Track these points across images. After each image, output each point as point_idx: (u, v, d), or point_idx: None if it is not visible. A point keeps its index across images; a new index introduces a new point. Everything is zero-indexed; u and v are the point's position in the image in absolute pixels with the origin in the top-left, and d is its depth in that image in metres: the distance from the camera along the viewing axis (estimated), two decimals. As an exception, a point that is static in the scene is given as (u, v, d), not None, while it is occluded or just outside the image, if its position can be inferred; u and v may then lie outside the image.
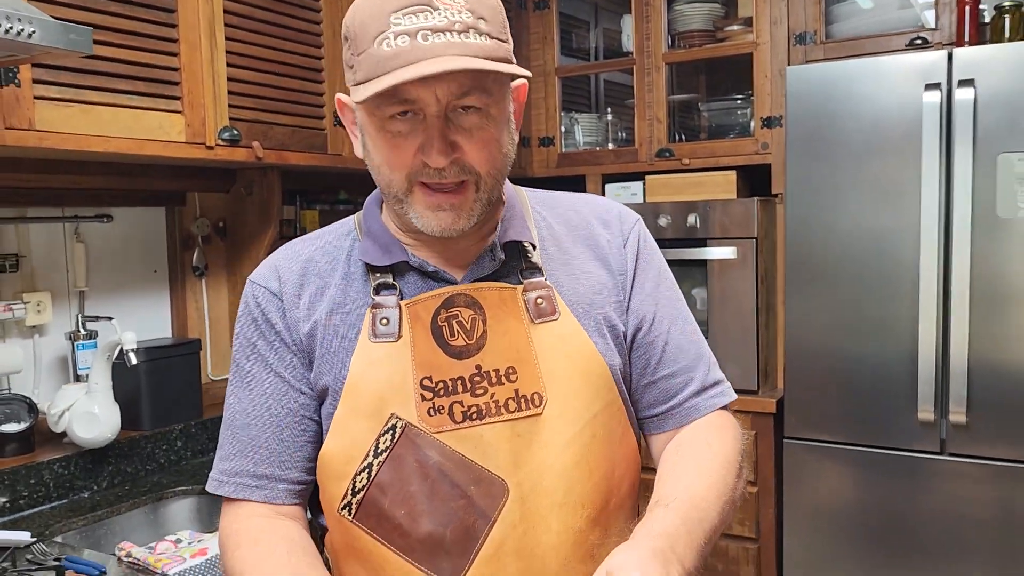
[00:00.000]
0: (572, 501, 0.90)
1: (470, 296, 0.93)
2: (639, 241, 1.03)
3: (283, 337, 0.95)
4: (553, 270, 0.97)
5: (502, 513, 0.87)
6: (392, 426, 0.89)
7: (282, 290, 0.96)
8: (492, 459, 0.88)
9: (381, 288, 0.94)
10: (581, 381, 0.93)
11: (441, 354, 0.91)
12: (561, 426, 0.90)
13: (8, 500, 1.79)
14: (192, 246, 2.37)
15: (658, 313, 1.00)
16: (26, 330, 1.99)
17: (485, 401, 0.89)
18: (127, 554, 1.50)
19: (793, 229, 2.49)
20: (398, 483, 0.88)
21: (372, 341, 0.92)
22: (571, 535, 0.90)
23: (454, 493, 0.88)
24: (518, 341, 0.92)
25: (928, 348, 2.30)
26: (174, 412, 2.18)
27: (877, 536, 2.45)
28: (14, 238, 1.96)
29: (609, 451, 0.94)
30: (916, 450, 2.36)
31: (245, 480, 0.95)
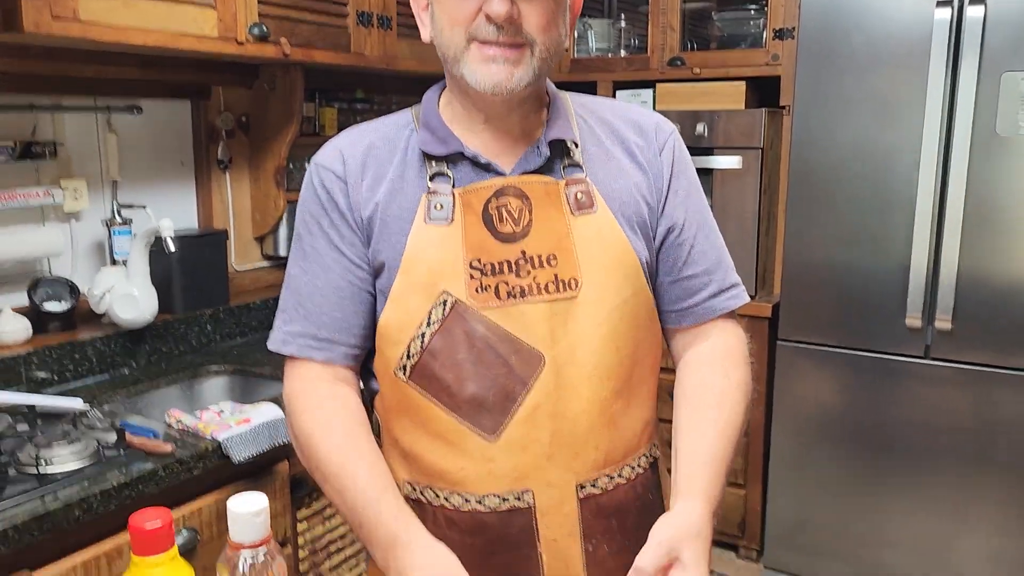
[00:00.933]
0: (600, 374, 1.02)
1: (519, 188, 1.02)
2: (675, 150, 1.11)
3: (346, 217, 1.04)
4: (593, 168, 1.05)
5: (538, 381, 0.99)
6: (443, 301, 1.00)
7: (346, 173, 1.05)
8: (531, 333, 0.99)
9: (436, 176, 1.03)
10: (614, 269, 1.02)
11: (490, 238, 1.01)
12: (594, 308, 1.01)
13: (55, 374, 1.92)
14: (217, 139, 2.44)
15: (688, 219, 1.09)
16: (63, 216, 2.08)
17: (528, 282, 1.00)
18: (177, 420, 1.64)
19: (798, 141, 2.57)
20: (447, 351, 1.00)
21: (427, 223, 1.01)
22: (597, 403, 1.02)
23: (497, 362, 0.99)
24: (559, 231, 1.02)
25: (920, 258, 2.41)
26: (204, 298, 2.29)
27: (859, 436, 2.62)
28: (51, 126, 2.03)
29: (635, 333, 1.04)
30: (902, 354, 2.51)
31: (308, 342, 1.05)
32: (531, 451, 1.00)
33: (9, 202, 1.90)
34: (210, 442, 1.58)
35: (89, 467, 1.44)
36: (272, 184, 2.52)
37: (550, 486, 1.01)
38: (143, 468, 1.46)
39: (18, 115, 1.95)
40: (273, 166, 2.51)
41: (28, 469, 1.41)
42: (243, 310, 2.40)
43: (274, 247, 2.62)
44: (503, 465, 1.01)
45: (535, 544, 1.02)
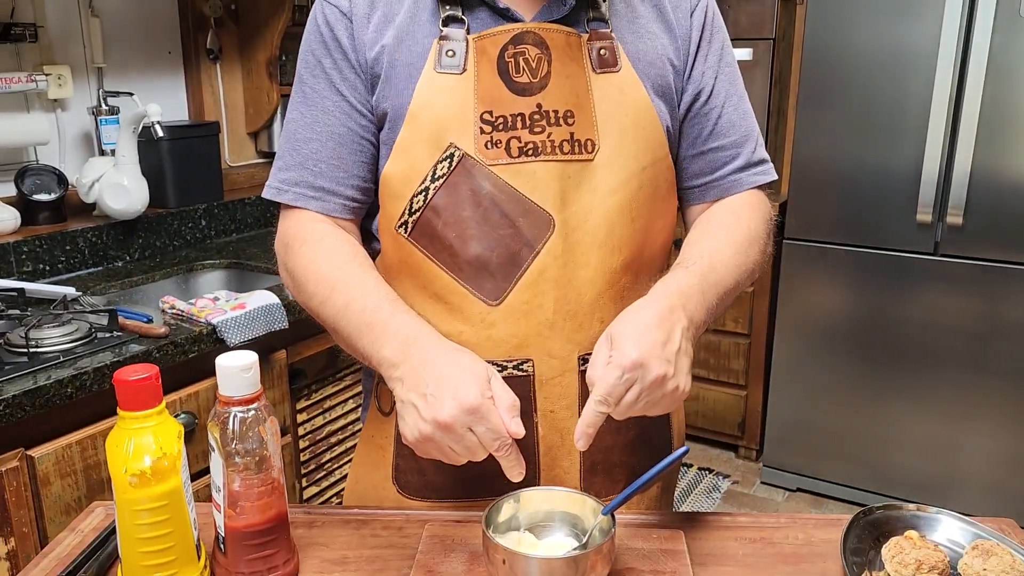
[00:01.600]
0: (611, 243, 0.96)
1: (538, 35, 0.94)
2: (707, 12, 1.03)
3: (349, 57, 0.96)
4: (619, 25, 0.98)
5: (546, 245, 0.94)
6: (450, 155, 0.93)
7: (352, 10, 0.96)
8: (542, 194, 0.93)
9: (450, 21, 0.95)
10: (634, 134, 0.95)
11: (504, 89, 0.93)
12: (610, 173, 0.95)
13: (46, 264, 1.88)
14: (205, 28, 2.34)
15: (717, 86, 1.02)
16: (48, 103, 2.01)
17: (542, 139, 0.93)
18: (171, 306, 1.60)
19: (813, 32, 2.47)
20: (451, 207, 0.94)
21: (437, 71, 0.94)
22: (606, 274, 0.96)
23: (503, 222, 0.94)
24: (578, 87, 0.94)
25: (934, 152, 2.35)
26: (197, 193, 2.24)
27: (864, 337, 2.60)
28: (29, 6, 1.94)
29: (652, 205, 0.98)
30: (910, 250, 2.46)
31: (304, 191, 0.98)
32: (533, 318, 0.95)
33: (-10, 86, 1.83)
34: (204, 325, 1.54)
35: (80, 346, 1.41)
36: (264, 76, 2.43)
37: (551, 356, 0.97)
38: (136, 349, 1.43)
39: (-6, -7, 1.86)
40: (265, 57, 2.42)
41: (19, 350, 1.38)
42: (238, 206, 2.35)
43: (269, 143, 2.54)
44: (503, 331, 0.96)
45: (532, 414, 0.98)
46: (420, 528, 0.93)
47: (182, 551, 0.81)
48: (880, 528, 0.92)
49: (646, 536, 0.91)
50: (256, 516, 0.81)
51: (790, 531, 0.95)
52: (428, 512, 0.99)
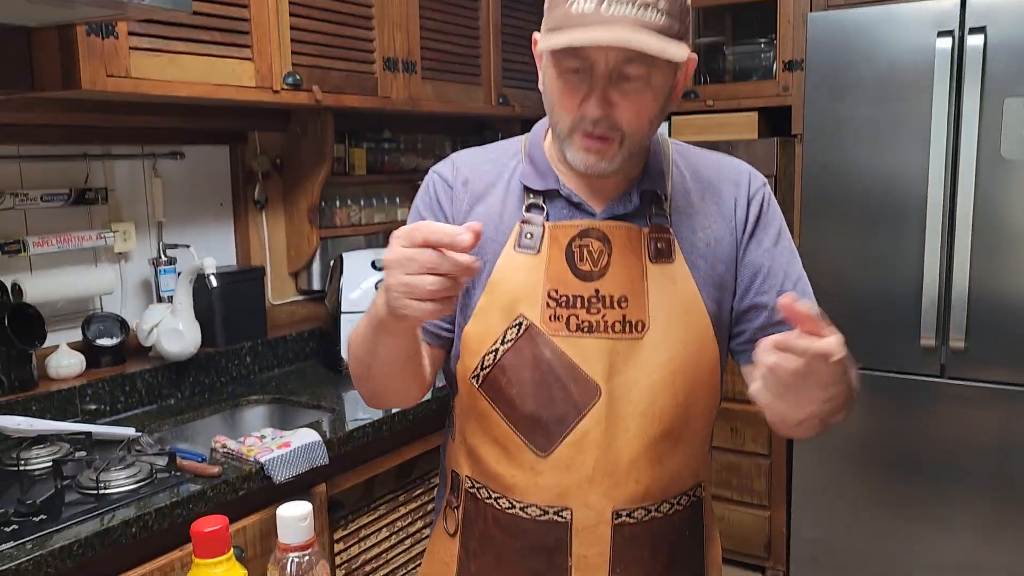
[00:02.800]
0: (653, 413, 1.08)
1: (602, 232, 1.09)
2: (763, 202, 1.15)
3: (446, 216, 1.15)
4: (678, 220, 1.11)
5: (592, 410, 1.08)
6: (519, 323, 1.10)
7: (454, 181, 1.16)
8: (592, 366, 1.08)
9: (532, 208, 1.11)
10: (681, 318, 1.08)
11: (569, 273, 1.09)
12: (656, 351, 1.07)
13: (107, 405, 2.05)
14: (253, 181, 2.58)
15: (774, 266, 1.12)
16: (114, 256, 2.22)
17: (596, 319, 1.08)
18: (222, 445, 1.75)
19: (810, 167, 2.66)
20: (515, 368, 1.10)
21: (516, 250, 1.10)
22: (645, 439, 1.08)
23: (557, 385, 1.09)
24: (634, 275, 1.08)
25: (932, 279, 2.48)
26: (243, 332, 2.42)
27: (881, 457, 2.67)
28: (102, 174, 2.18)
29: (694, 381, 1.10)
30: (918, 374, 2.56)
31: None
32: (575, 473, 1.09)
33: (65, 245, 2.04)
34: (253, 464, 1.68)
35: (143, 488, 1.55)
36: (305, 222, 2.65)
37: (588, 507, 1.10)
38: (193, 489, 1.57)
39: (73, 164, 2.10)
40: (306, 205, 2.64)
41: (88, 491, 1.52)
42: (280, 342, 2.53)
43: (308, 282, 2.74)
44: (548, 480, 1.10)
45: (567, 556, 1.11)
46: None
47: None
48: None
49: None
50: None
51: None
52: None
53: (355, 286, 2.48)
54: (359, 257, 2.54)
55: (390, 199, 2.96)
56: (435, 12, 2.63)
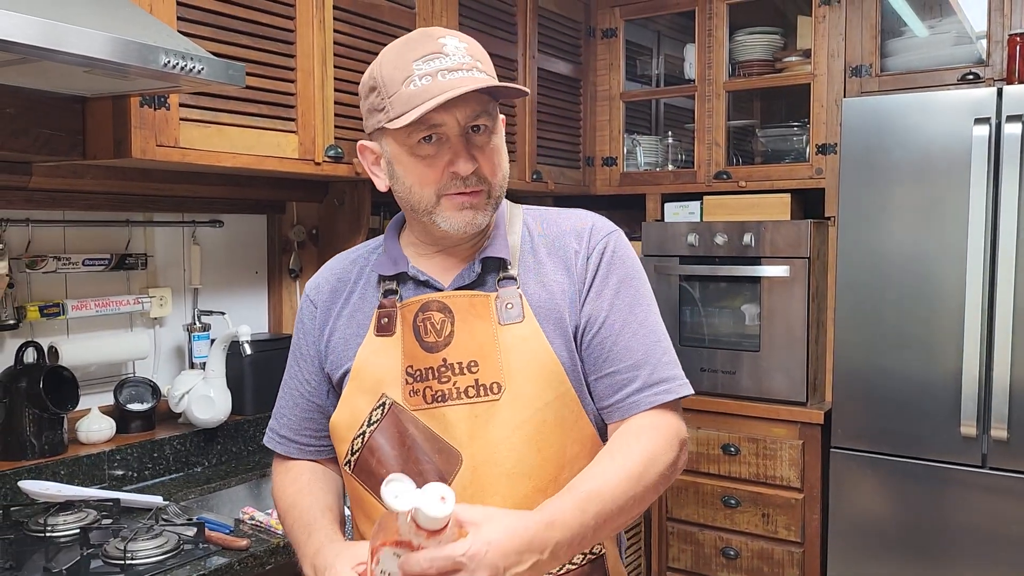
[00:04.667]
0: (520, 472, 1.08)
1: (442, 302, 1.14)
2: (604, 252, 1.18)
3: (309, 336, 1.24)
4: (526, 278, 1.16)
5: (456, 478, 1.08)
6: (383, 403, 1.13)
7: (316, 296, 1.25)
8: (451, 434, 1.09)
9: (387, 293, 1.17)
10: (536, 375, 1.11)
11: (418, 347, 1.13)
12: (515, 411, 1.09)
13: (134, 471, 2.03)
14: (289, 250, 2.61)
15: (610, 317, 1.15)
16: (149, 321, 2.24)
17: (448, 387, 1.11)
18: (250, 517, 1.72)
19: (845, 250, 2.65)
20: (382, 447, 1.12)
21: (376, 335, 1.16)
22: (517, 500, 1.07)
23: (423, 458, 1.10)
24: (483, 339, 1.12)
25: (972, 366, 2.43)
26: (271, 400, 2.38)
27: (918, 546, 2.58)
28: (143, 240, 2.21)
29: (560, 433, 1.11)
30: (958, 463, 2.49)
31: (272, 436, 1.31)
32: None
33: (103, 309, 2.06)
34: (281, 538, 1.65)
35: (170, 559, 1.52)
36: (338, 292, 2.66)
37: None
38: (220, 562, 1.54)
39: (115, 230, 2.14)
40: (340, 275, 2.65)
41: (115, 561, 1.49)
42: (308, 412, 2.50)
43: (338, 351, 2.74)
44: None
45: None
46: None
47: None
48: None
49: None
50: None
51: None
52: None
53: (386, 357, 2.47)
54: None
55: (422, 271, 2.97)
56: (473, 90, 2.68)
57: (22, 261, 1.93)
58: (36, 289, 1.99)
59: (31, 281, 1.97)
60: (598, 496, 1.02)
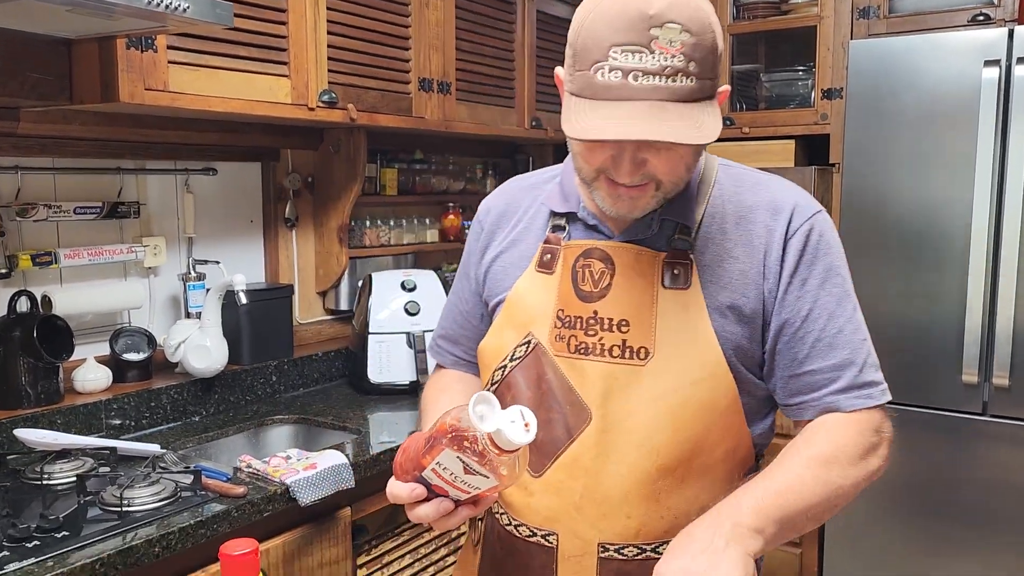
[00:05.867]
0: (648, 447, 1.02)
1: (605, 252, 1.07)
2: (809, 236, 1.04)
3: (472, 259, 1.23)
4: (703, 247, 1.05)
5: (582, 435, 1.04)
6: (528, 341, 1.09)
7: (485, 217, 1.23)
8: (586, 389, 1.05)
9: (556, 228, 1.12)
10: (689, 348, 1.02)
11: (573, 294, 1.08)
12: (658, 381, 1.02)
13: (132, 420, 2.02)
14: (284, 199, 2.57)
15: (815, 310, 1.03)
16: (143, 271, 2.21)
17: (593, 341, 1.05)
18: (247, 465, 1.71)
19: (849, 197, 2.60)
20: (519, 386, 1.09)
21: (536, 270, 1.12)
22: (638, 474, 1.02)
23: (554, 407, 1.06)
24: (641, 299, 1.04)
25: (975, 314, 2.41)
26: (269, 350, 2.40)
27: (918, 496, 2.58)
28: (135, 188, 2.18)
29: (704, 417, 1.02)
30: (959, 411, 2.49)
31: (432, 342, 1.33)
32: (563, 497, 1.06)
33: (96, 258, 2.03)
34: (279, 485, 1.65)
35: (167, 506, 1.52)
36: (335, 241, 2.63)
37: (574, 535, 1.06)
38: (217, 509, 1.53)
39: (107, 178, 2.10)
40: (336, 224, 2.62)
41: (112, 508, 1.49)
42: (306, 362, 2.50)
43: (336, 301, 2.72)
44: (539, 502, 1.08)
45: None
46: None
47: None
48: None
49: None
50: None
51: None
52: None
53: (384, 307, 2.45)
54: (389, 278, 2.51)
55: (420, 220, 2.94)
56: (471, 34, 2.62)
57: (12, 209, 1.90)
58: (28, 238, 1.96)
59: (22, 230, 1.94)
60: (778, 486, 0.96)
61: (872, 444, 1.03)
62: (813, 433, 1.03)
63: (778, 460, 1.01)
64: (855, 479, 1.01)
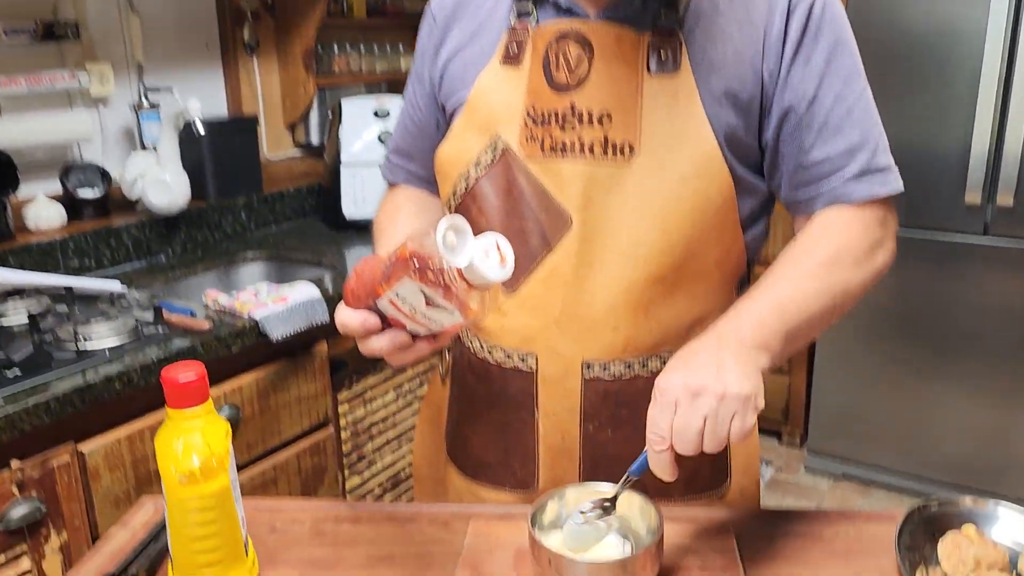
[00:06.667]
0: (635, 253, 0.91)
1: (582, 34, 0.91)
2: (812, 9, 0.90)
3: (425, 59, 1.06)
4: (693, 25, 0.91)
5: (560, 244, 0.93)
6: (495, 145, 0.95)
7: (439, 15, 1.04)
8: (564, 194, 0.92)
9: (521, 15, 0.95)
10: (680, 141, 0.90)
11: (545, 85, 0.93)
12: (645, 180, 0.90)
13: (92, 260, 1.91)
14: (242, 21, 2.35)
15: (821, 91, 0.90)
16: (91, 101, 2.03)
17: (571, 138, 0.92)
18: (214, 300, 1.62)
19: (856, 12, 2.41)
20: (487, 196, 0.97)
21: (501, 64, 0.96)
22: (625, 283, 0.92)
23: (528, 216, 0.94)
24: (624, 88, 0.90)
25: (983, 133, 2.29)
26: (237, 186, 2.26)
27: (911, 321, 2.54)
28: (71, 5, 1.96)
29: (697, 218, 0.91)
30: (958, 231, 2.41)
31: (384, 160, 1.17)
32: (541, 314, 0.95)
33: (35, 85, 1.85)
34: (247, 320, 1.56)
35: (128, 344, 1.43)
36: (300, 68, 2.44)
37: (556, 355, 0.96)
38: (181, 344, 1.45)
39: (36, -7, 1.89)
40: (301, 49, 2.42)
41: (68, 346, 1.40)
42: (277, 198, 2.36)
43: (306, 135, 2.55)
44: (515, 321, 0.97)
45: (533, 411, 0.99)
46: (466, 524, 0.93)
47: (230, 548, 0.82)
48: (936, 523, 0.89)
49: (694, 533, 0.90)
50: None
51: (841, 527, 0.93)
52: (473, 507, 0.99)
53: (356, 137, 2.29)
54: (359, 105, 2.34)
55: (392, 46, 2.73)
56: None
57: (-68, 29, 1.71)
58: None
59: (-52, 54, 1.76)
60: (792, 301, 0.86)
61: (877, 239, 0.93)
62: (814, 233, 0.92)
63: (778, 268, 0.91)
64: (861, 280, 0.92)
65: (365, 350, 0.86)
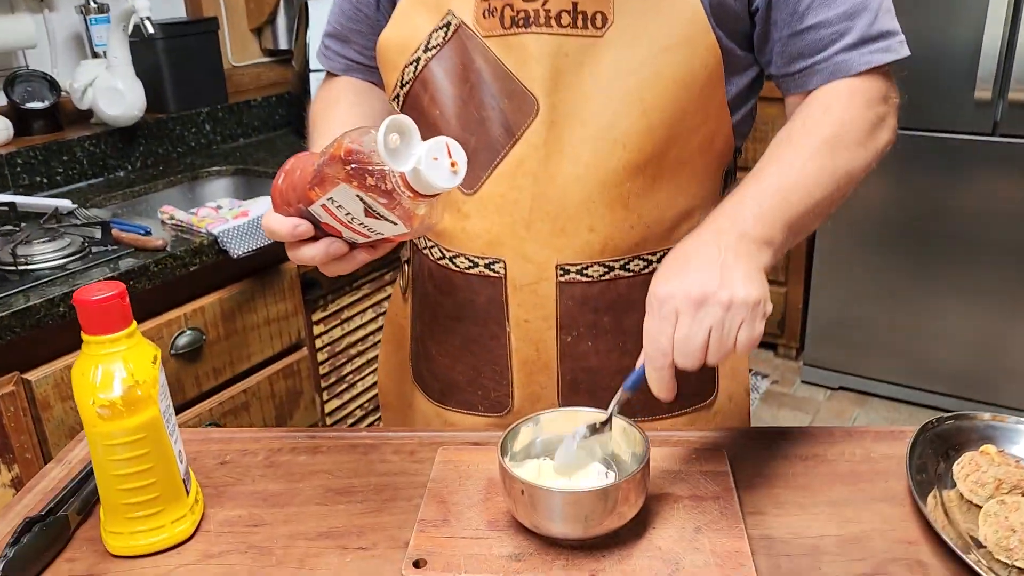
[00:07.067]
0: (611, 137, 0.81)
1: None
2: None
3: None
4: None
5: (526, 132, 0.82)
6: (447, 23, 0.83)
7: None
8: (528, 73, 0.81)
9: None
10: (660, 7, 0.79)
11: None
12: (621, 54, 0.79)
13: (44, 176, 1.78)
14: (196, -86, 2.16)
15: None
16: (34, 4, 1.87)
17: (535, 7, 0.80)
18: (170, 216, 1.50)
19: None
20: (439, 82, 0.84)
21: None
22: (601, 173, 0.82)
23: (487, 103, 0.83)
24: None
25: (996, 24, 2.14)
26: (199, 96, 2.11)
27: (912, 227, 2.44)
28: None
29: (680, 95, 0.81)
30: (966, 131, 2.28)
31: (320, 47, 1.03)
32: (508, 215, 0.85)
33: (-35, -16, 1.70)
34: (205, 236, 1.45)
35: (73, 263, 1.33)
36: (264, -34, 2.26)
37: (526, 259, 0.86)
38: (132, 263, 1.34)
39: None
40: (262, -56, 2.24)
41: (7, 268, 1.29)
42: (243, 108, 2.22)
43: (273, 40, 2.39)
44: (476, 225, 0.86)
45: (504, 322, 0.89)
46: (433, 452, 0.84)
47: (166, 487, 0.73)
48: (950, 441, 0.81)
49: (684, 457, 0.81)
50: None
51: (847, 446, 0.85)
52: (442, 433, 0.90)
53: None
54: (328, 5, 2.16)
55: (364, -59, 2.53)
56: None
57: None
58: None
59: None
60: (793, 189, 0.76)
61: (880, 116, 0.83)
62: (812, 112, 0.82)
63: (774, 152, 0.80)
64: (864, 160, 0.82)
65: (295, 258, 0.77)
